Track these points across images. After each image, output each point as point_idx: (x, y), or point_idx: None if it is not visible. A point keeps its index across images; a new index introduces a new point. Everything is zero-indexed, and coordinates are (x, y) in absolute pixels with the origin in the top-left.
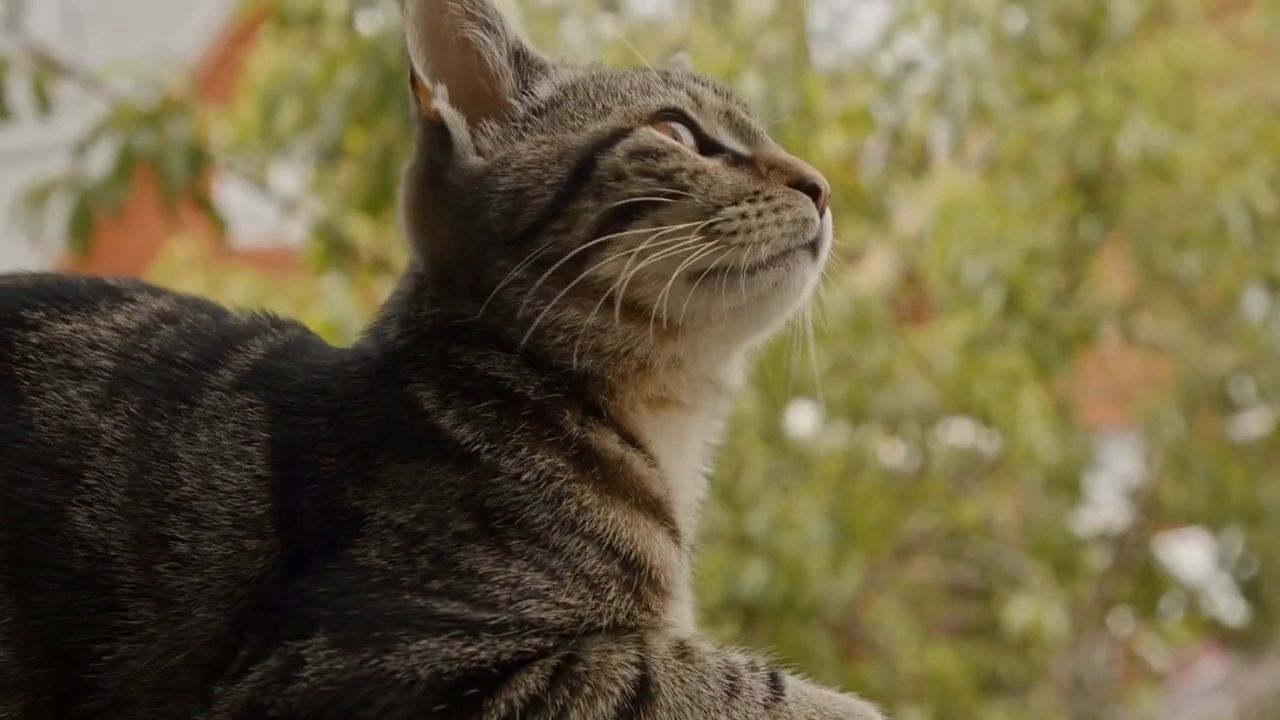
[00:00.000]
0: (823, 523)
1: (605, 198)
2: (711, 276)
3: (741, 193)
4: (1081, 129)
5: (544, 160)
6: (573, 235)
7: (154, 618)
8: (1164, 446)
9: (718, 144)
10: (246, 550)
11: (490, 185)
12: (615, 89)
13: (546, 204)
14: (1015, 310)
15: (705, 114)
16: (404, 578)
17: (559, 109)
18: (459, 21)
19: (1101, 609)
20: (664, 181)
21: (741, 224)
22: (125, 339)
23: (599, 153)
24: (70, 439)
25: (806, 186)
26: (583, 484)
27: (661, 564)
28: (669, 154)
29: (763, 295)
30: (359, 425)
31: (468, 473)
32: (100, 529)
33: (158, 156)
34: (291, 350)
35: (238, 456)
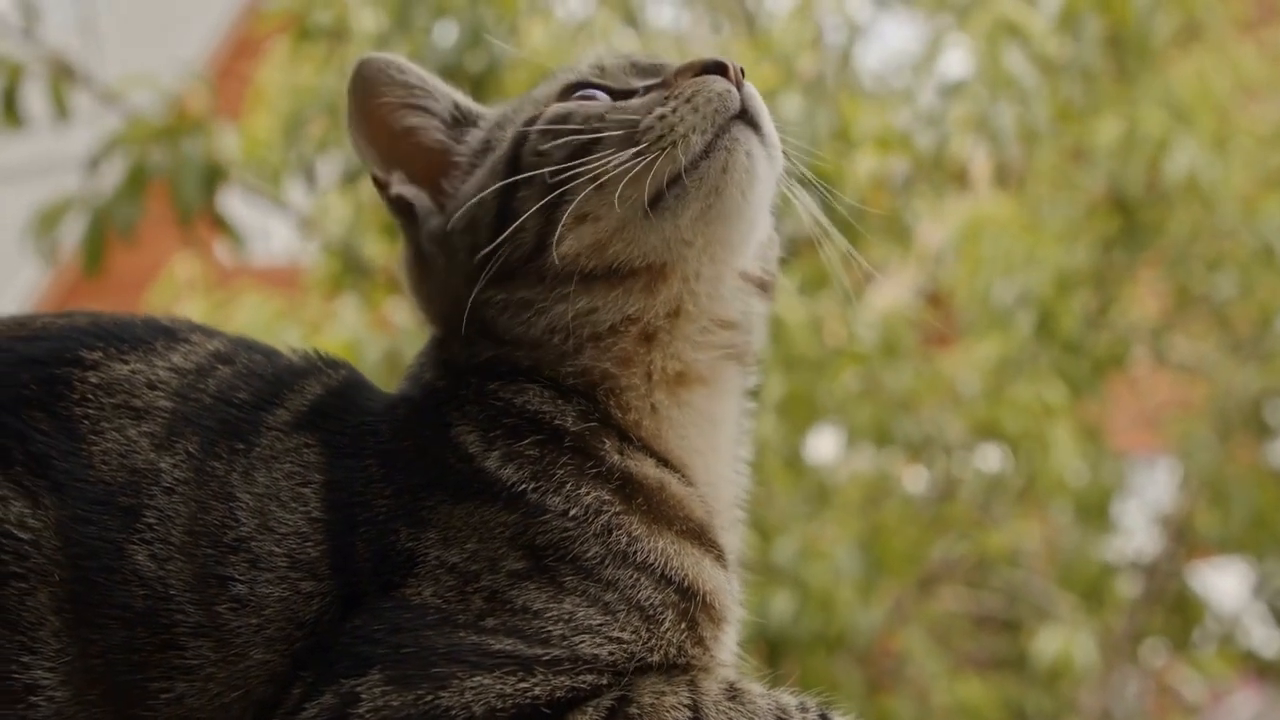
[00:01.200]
0: (852, 552)
1: (536, 178)
2: (661, 197)
3: (654, 104)
4: (1127, 149)
5: (482, 183)
6: (525, 230)
7: (213, 657)
8: (1197, 471)
9: (630, 90)
10: (302, 592)
11: (453, 232)
12: (528, 96)
13: (494, 216)
14: (1047, 333)
15: (611, 74)
16: (459, 616)
17: (491, 141)
18: (396, 113)
19: (1133, 640)
20: (581, 134)
21: (661, 125)
22: (183, 379)
23: (519, 146)
24: (130, 478)
25: (711, 68)
26: (630, 514)
27: (713, 589)
28: (575, 111)
29: (716, 185)
30: (409, 467)
31: (517, 512)
32: (160, 568)
33: (173, 174)
34: (345, 391)
35: (294, 499)
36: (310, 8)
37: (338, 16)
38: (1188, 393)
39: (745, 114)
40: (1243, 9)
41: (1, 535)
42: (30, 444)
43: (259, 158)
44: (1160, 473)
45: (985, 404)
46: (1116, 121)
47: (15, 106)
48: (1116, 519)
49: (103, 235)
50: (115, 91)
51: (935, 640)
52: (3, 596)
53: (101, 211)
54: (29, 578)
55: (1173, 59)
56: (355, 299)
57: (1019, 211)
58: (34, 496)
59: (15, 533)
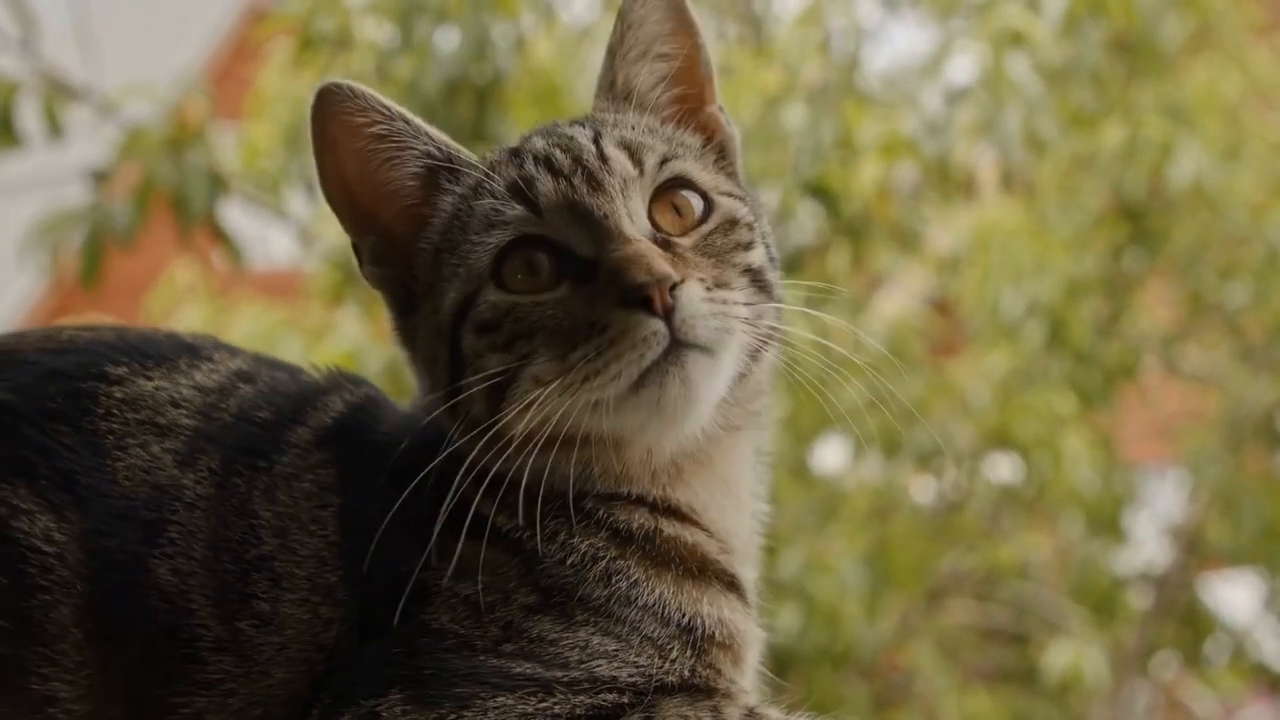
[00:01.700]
0: (858, 566)
1: (478, 374)
2: (600, 405)
3: (579, 331)
4: (1129, 155)
5: (433, 337)
6: (476, 407)
7: (234, 673)
8: (1208, 483)
9: (568, 251)
10: (321, 617)
11: (413, 353)
12: (463, 234)
13: (445, 379)
14: (1057, 342)
15: (548, 218)
16: (476, 641)
17: (439, 259)
18: (368, 164)
19: (1143, 653)
20: (510, 351)
21: (588, 368)
22: (205, 398)
23: (457, 332)
24: (153, 493)
25: (635, 302)
26: (627, 559)
27: (717, 620)
28: (503, 322)
29: (653, 410)
30: (419, 495)
31: (518, 556)
32: (182, 582)
33: (177, 185)
34: (365, 409)
35: (313, 521)
36: (313, 15)
37: (341, 25)
38: (1199, 403)
39: (677, 344)
40: (1258, 14)
41: (27, 549)
42: (55, 458)
43: (259, 168)
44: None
45: (995, 414)
46: (1120, 127)
47: (11, 126)
48: (1127, 530)
49: (100, 245)
50: (113, 102)
51: (943, 654)
52: (26, 609)
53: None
54: (52, 590)
55: (1185, 65)
56: (356, 309)
57: (1028, 219)
58: (59, 511)
59: (40, 546)
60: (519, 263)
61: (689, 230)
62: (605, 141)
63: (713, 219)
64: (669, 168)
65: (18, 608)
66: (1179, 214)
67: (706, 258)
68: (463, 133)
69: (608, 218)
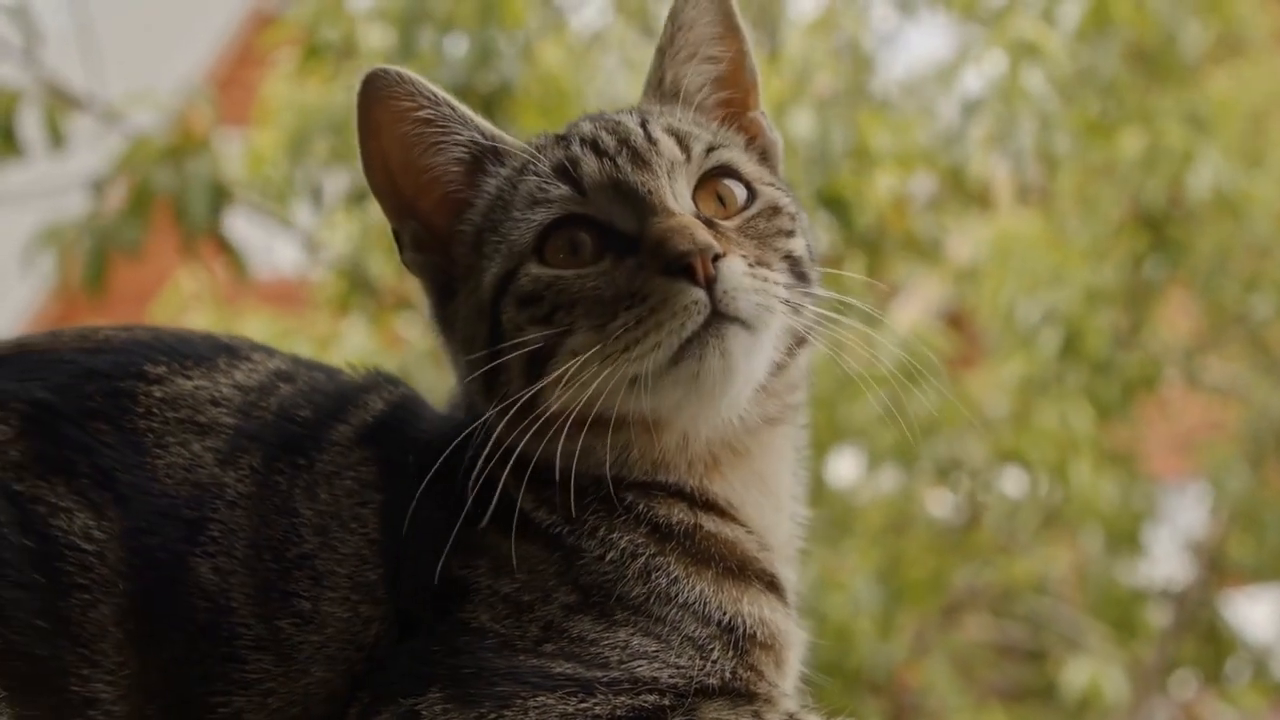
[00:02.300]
0: (871, 583)
1: (517, 349)
2: (638, 380)
3: (620, 301)
4: (1149, 164)
5: (473, 317)
6: (513, 383)
7: (274, 672)
8: (1230, 497)
9: (610, 229)
10: (361, 615)
11: (451, 338)
12: (505, 213)
13: (485, 358)
14: (1074, 353)
15: (592, 197)
16: (516, 641)
17: (481, 239)
18: (413, 150)
19: (1162, 671)
20: (550, 324)
21: (627, 337)
22: (245, 396)
23: (498, 307)
24: (194, 491)
25: (677, 270)
26: (666, 556)
27: (758, 620)
28: (544, 294)
29: (692, 385)
30: (460, 491)
31: (557, 551)
32: (223, 580)
33: (179, 195)
34: (405, 406)
35: (354, 518)
36: (318, 23)
37: (346, 33)
38: (1220, 416)
39: (718, 314)
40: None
41: (66, 547)
42: (95, 456)
43: (264, 176)
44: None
45: (1011, 426)
46: (1140, 135)
47: (13, 136)
48: (1146, 545)
49: (105, 255)
50: (116, 111)
51: (958, 671)
52: (65, 608)
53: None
54: (92, 589)
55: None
56: (363, 318)
57: (1045, 228)
58: (98, 509)
59: (80, 544)
60: (562, 241)
61: (733, 214)
62: (653, 126)
63: (756, 204)
64: (715, 155)
65: (56, 607)
66: (1200, 223)
67: (749, 239)
68: None
69: (651, 193)
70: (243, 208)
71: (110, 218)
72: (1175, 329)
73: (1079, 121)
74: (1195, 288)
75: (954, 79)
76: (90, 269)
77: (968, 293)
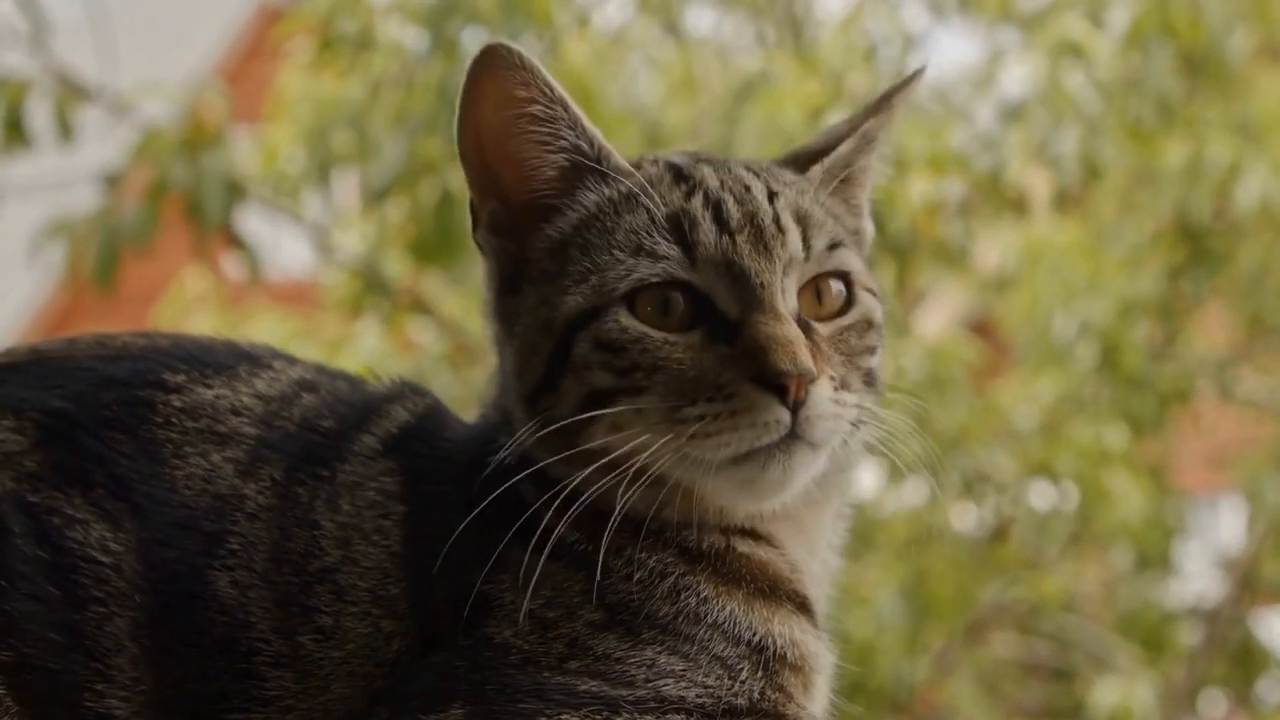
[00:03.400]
0: (894, 599)
1: (580, 382)
2: (691, 462)
3: (702, 388)
4: (1193, 173)
5: (537, 328)
6: (560, 409)
7: (294, 689)
8: (1264, 513)
9: (709, 302)
10: (383, 631)
11: (508, 334)
12: (602, 239)
13: (539, 376)
14: (1110, 366)
15: (701, 267)
16: (541, 658)
17: (565, 253)
18: (516, 138)
19: (1192, 691)
20: (624, 377)
21: (698, 426)
22: (267, 406)
23: (572, 335)
24: (214, 503)
25: (771, 385)
26: (696, 575)
27: (789, 641)
28: (629, 348)
29: (747, 487)
30: (482, 503)
31: (583, 570)
32: (241, 594)
33: (192, 190)
34: (431, 416)
35: (376, 530)
36: (334, 15)
37: (363, 26)
38: (1255, 430)
39: (793, 435)
40: None
41: (81, 559)
42: (112, 466)
43: (277, 171)
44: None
45: (1042, 440)
46: (1184, 144)
47: (21, 126)
48: (1177, 562)
49: (115, 250)
50: (126, 102)
51: (984, 690)
52: (80, 621)
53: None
54: (108, 602)
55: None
56: (376, 320)
57: (1081, 237)
58: (115, 520)
59: (96, 556)
60: (655, 296)
61: (826, 319)
62: (781, 205)
63: (851, 314)
64: (835, 257)
65: (71, 620)
66: (1243, 236)
67: (838, 353)
68: None
69: (764, 287)
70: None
71: (123, 212)
72: (1209, 341)
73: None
74: (1232, 299)
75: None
76: (101, 264)
77: (995, 301)
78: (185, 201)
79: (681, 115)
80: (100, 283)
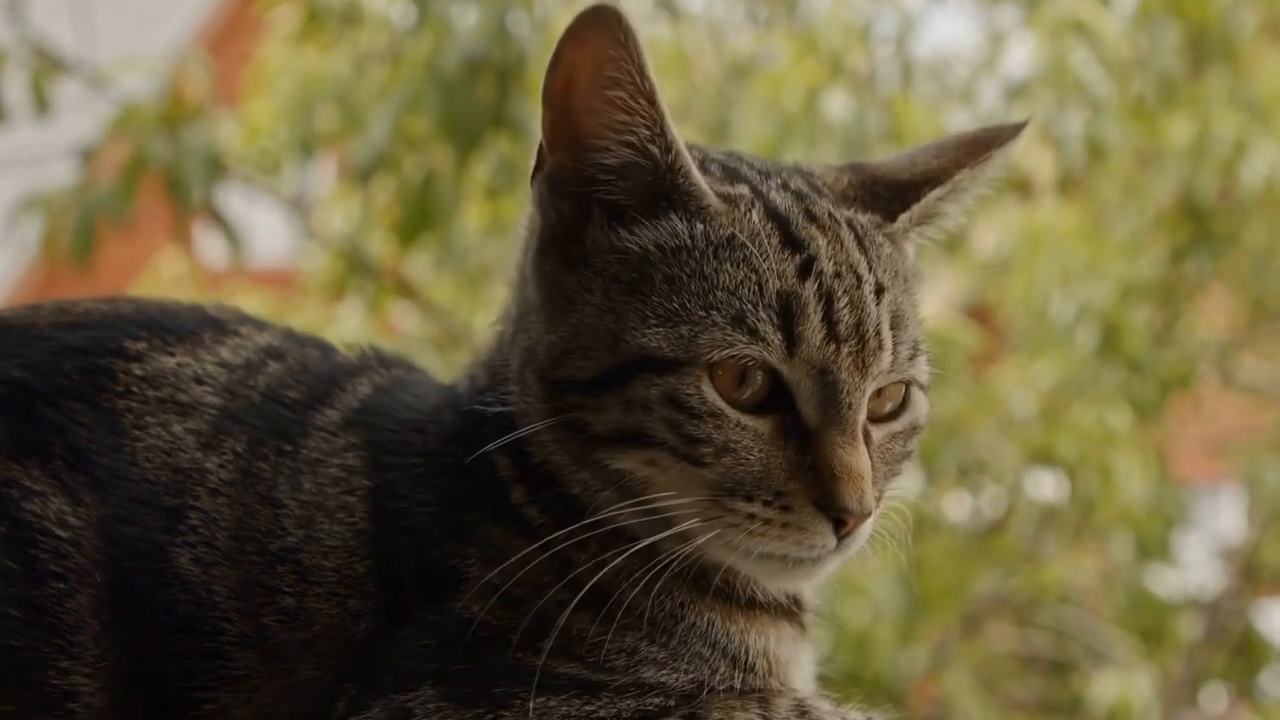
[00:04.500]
0: (890, 588)
1: (631, 416)
2: (722, 544)
3: (762, 489)
4: (1198, 152)
5: (597, 334)
6: (595, 422)
7: (260, 669)
8: (1265, 502)
9: (791, 397)
10: (351, 610)
11: (552, 312)
12: (697, 285)
13: (582, 380)
14: (1110, 351)
15: (796, 362)
16: (511, 635)
17: (644, 273)
18: (601, 122)
19: (1193, 684)
20: (688, 445)
21: (746, 524)
22: (231, 375)
23: (642, 371)
24: (174, 477)
25: (831, 515)
26: (670, 583)
27: (765, 649)
28: (703, 420)
29: (771, 575)
30: (449, 474)
31: (548, 552)
32: (204, 572)
33: (172, 166)
34: (397, 388)
35: (340, 508)
36: None
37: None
38: (1256, 417)
39: (833, 551)
40: None
41: (39, 533)
42: (71, 437)
43: (259, 148)
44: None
45: (1041, 427)
46: (1189, 123)
47: None
48: (1177, 553)
49: (93, 227)
50: (105, 75)
51: (980, 683)
52: (41, 597)
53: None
54: (68, 578)
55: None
56: (359, 303)
57: (1081, 219)
58: (74, 493)
59: (54, 530)
60: (739, 368)
61: (879, 420)
62: (884, 307)
63: (903, 420)
64: (913, 366)
65: (30, 596)
66: (1249, 216)
67: (883, 463)
68: (483, 116)
69: (850, 408)
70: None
71: (101, 188)
72: (1210, 325)
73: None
74: (1235, 282)
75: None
76: (78, 240)
77: (992, 285)
78: (164, 178)
79: (673, 94)
80: (77, 259)
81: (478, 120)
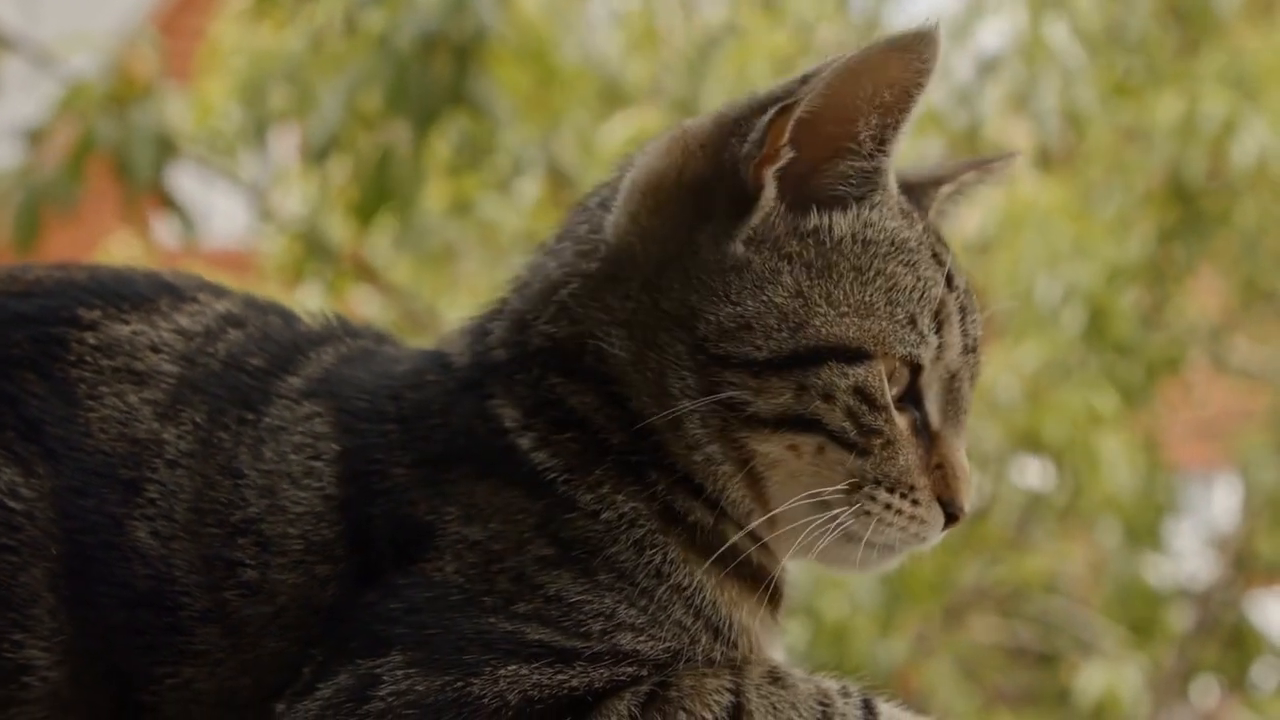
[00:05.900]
0: (870, 580)
1: (803, 401)
2: (832, 524)
3: (901, 483)
4: (1187, 130)
5: (783, 316)
6: (754, 402)
7: (223, 644)
8: (1258, 489)
9: (921, 398)
10: (318, 577)
11: (726, 286)
12: (884, 288)
13: (755, 359)
14: (1096, 333)
15: (935, 368)
16: (484, 598)
17: (832, 259)
18: (860, 134)
19: (1183, 676)
20: (862, 434)
21: (883, 514)
22: (189, 343)
23: (829, 359)
24: (131, 448)
25: (948, 512)
26: (668, 536)
27: (748, 627)
28: (881, 412)
29: (846, 560)
30: (432, 435)
31: (541, 500)
32: (163, 546)
33: (121, 147)
34: (362, 357)
35: (306, 473)
36: None
37: None
38: (1248, 401)
39: None
40: None
41: None
42: (22, 407)
43: (212, 128)
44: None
45: (1026, 411)
46: (1176, 100)
47: None
48: (1167, 541)
49: (37, 211)
50: (50, 53)
51: (964, 675)
52: None
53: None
54: (21, 551)
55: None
56: (318, 287)
57: (1067, 198)
58: (26, 464)
59: (6, 502)
60: (901, 366)
61: None
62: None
63: None
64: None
65: None
66: (1239, 196)
67: None
68: (440, 94)
69: (965, 414)
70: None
71: (46, 170)
72: (1201, 307)
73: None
74: (1226, 263)
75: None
76: (21, 225)
77: (976, 267)
78: (113, 159)
79: (643, 69)
80: (21, 246)
81: (434, 97)
